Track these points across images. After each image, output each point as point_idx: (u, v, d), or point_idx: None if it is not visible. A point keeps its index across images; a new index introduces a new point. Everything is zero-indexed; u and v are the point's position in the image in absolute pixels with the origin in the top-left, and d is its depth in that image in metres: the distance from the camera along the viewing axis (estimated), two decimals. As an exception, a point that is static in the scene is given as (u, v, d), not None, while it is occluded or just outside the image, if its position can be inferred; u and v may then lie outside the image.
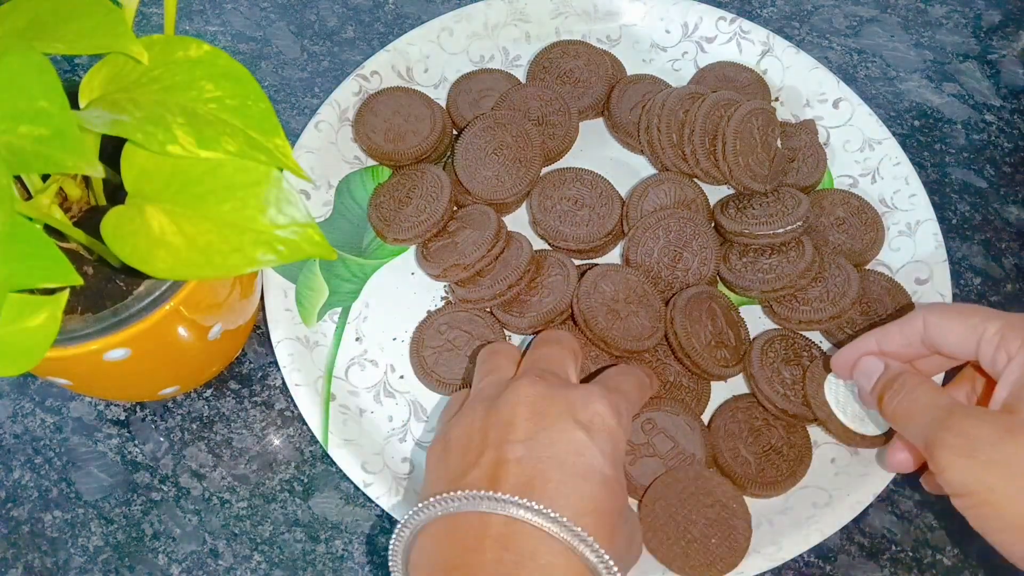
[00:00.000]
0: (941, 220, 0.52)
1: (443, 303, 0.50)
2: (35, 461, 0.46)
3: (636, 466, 0.44)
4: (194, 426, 0.47)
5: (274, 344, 0.47)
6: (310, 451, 0.47)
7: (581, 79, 0.55)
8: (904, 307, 0.49)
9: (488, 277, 0.48)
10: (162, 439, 0.47)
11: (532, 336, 0.48)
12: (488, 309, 0.49)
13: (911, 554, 0.45)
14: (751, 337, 0.48)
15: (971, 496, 0.33)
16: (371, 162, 0.54)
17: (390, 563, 0.35)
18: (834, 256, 0.49)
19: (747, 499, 0.45)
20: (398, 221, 0.49)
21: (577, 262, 0.50)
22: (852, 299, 0.47)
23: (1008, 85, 0.60)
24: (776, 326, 0.49)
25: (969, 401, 0.40)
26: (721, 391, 0.48)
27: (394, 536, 0.34)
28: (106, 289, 0.38)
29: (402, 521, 0.34)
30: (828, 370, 0.45)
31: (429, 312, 0.49)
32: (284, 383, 0.47)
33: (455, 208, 0.51)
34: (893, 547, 0.45)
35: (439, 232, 0.50)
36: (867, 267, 0.51)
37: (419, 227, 0.49)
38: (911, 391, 0.37)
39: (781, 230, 0.48)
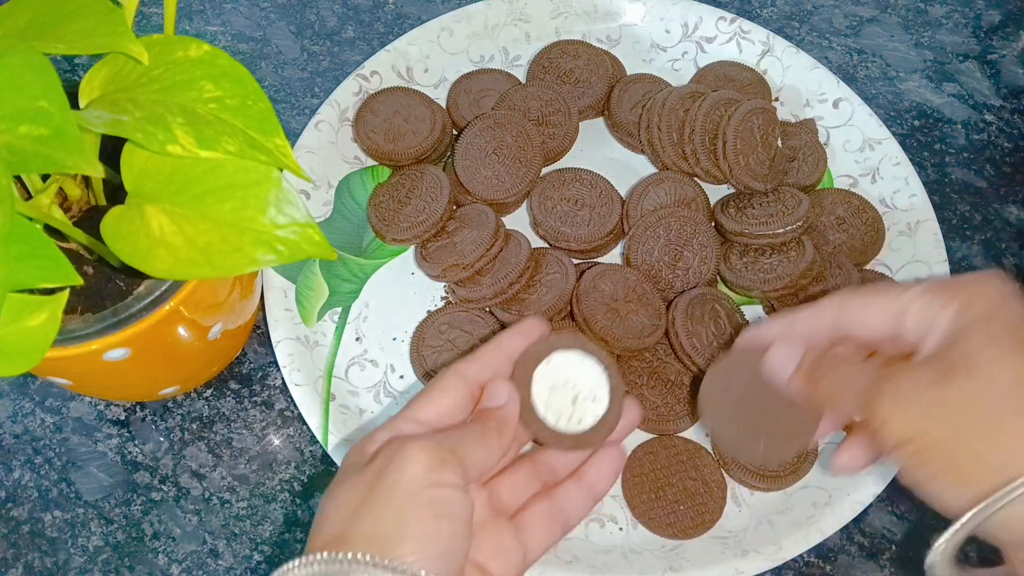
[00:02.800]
0: (941, 220, 0.52)
1: (443, 303, 0.50)
2: (35, 461, 0.46)
3: None
4: (194, 426, 0.47)
5: (274, 344, 0.47)
6: (310, 451, 0.47)
7: (581, 79, 0.55)
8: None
9: (488, 276, 0.48)
10: (162, 439, 0.47)
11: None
12: (488, 308, 0.49)
13: (911, 554, 0.45)
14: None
15: (910, 443, 0.32)
16: (371, 162, 0.54)
17: None
18: (835, 255, 0.49)
19: (746, 493, 0.45)
20: (397, 221, 0.49)
21: (577, 261, 0.50)
22: None
23: (1008, 85, 0.60)
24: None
25: None
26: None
27: None
28: (106, 289, 0.38)
29: None
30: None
31: (430, 312, 0.49)
32: (284, 383, 0.47)
33: (454, 208, 0.51)
34: (893, 547, 0.45)
35: (438, 232, 0.50)
36: (867, 267, 0.51)
37: (418, 227, 0.49)
38: (837, 366, 0.36)
39: (781, 230, 0.48)
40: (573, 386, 0.37)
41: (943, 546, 0.31)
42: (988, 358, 0.32)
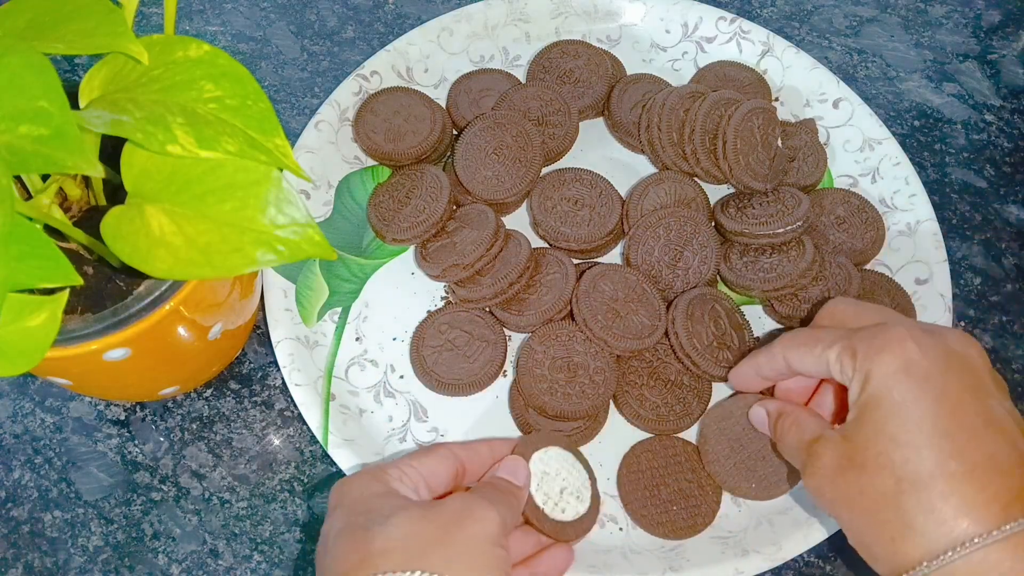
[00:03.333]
0: (941, 220, 0.52)
1: (443, 303, 0.50)
2: (35, 461, 0.46)
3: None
4: (194, 426, 0.47)
5: (274, 344, 0.47)
6: (310, 451, 0.47)
7: (581, 79, 0.55)
8: (903, 306, 0.49)
9: (488, 276, 0.48)
10: (162, 439, 0.47)
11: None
12: (487, 308, 0.49)
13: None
14: (757, 339, 0.48)
15: (835, 519, 0.38)
16: (371, 162, 0.54)
17: None
18: (835, 255, 0.49)
19: (744, 498, 0.45)
20: (397, 221, 0.49)
21: (577, 261, 0.50)
22: (853, 297, 0.47)
23: (1008, 85, 0.60)
24: (778, 325, 0.50)
25: (834, 408, 0.42)
26: (722, 388, 0.48)
27: None
28: (106, 289, 0.38)
29: None
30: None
31: (430, 312, 0.49)
32: (284, 383, 0.47)
33: (454, 208, 0.51)
34: (893, 547, 0.45)
35: (438, 233, 0.50)
36: (867, 267, 0.51)
37: (418, 227, 0.49)
38: (784, 435, 0.40)
39: (781, 230, 0.48)
40: (563, 479, 0.40)
41: None
42: (875, 454, 0.35)
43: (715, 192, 0.53)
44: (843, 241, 0.51)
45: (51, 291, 0.32)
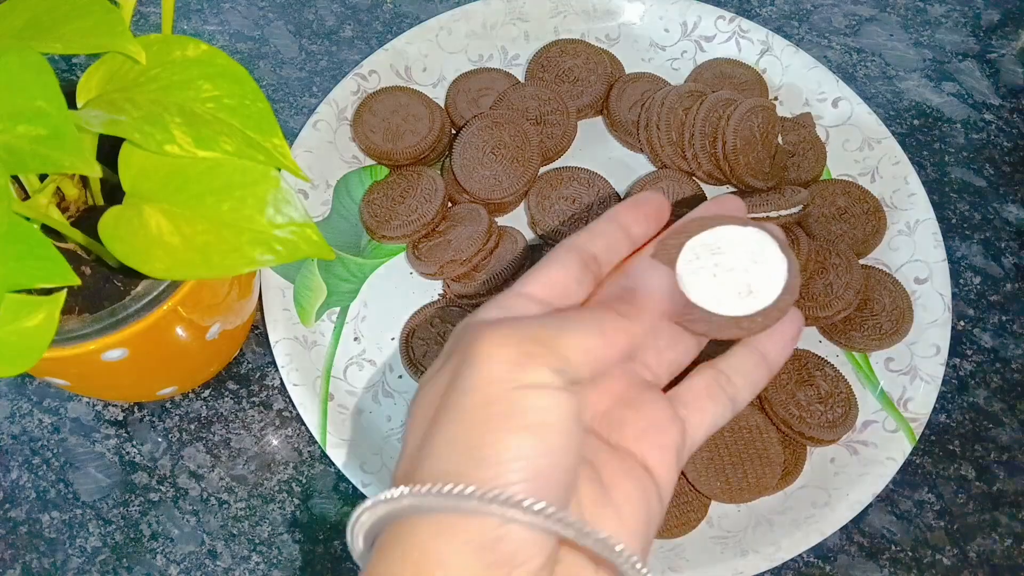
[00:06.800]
0: (940, 219, 0.52)
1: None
2: (33, 462, 0.46)
3: None
4: (192, 426, 0.47)
5: (272, 344, 0.47)
6: (308, 451, 0.47)
7: (580, 78, 0.55)
8: (903, 305, 0.49)
9: (483, 272, 0.48)
10: (160, 439, 0.47)
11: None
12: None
13: (910, 554, 0.45)
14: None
15: None
16: (369, 161, 0.53)
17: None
18: (835, 245, 0.49)
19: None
20: (389, 219, 0.49)
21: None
22: (856, 291, 0.47)
23: (1007, 84, 0.60)
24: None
25: None
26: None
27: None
28: (104, 289, 0.38)
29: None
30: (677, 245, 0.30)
31: (424, 304, 0.49)
32: (282, 383, 0.47)
33: (449, 205, 0.51)
34: (892, 547, 0.45)
35: (429, 233, 0.50)
36: (868, 265, 0.51)
37: (409, 226, 0.49)
38: None
39: (775, 214, 0.47)
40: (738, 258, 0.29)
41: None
42: None
43: (714, 191, 0.53)
44: (844, 231, 0.51)
45: (49, 291, 0.32)
